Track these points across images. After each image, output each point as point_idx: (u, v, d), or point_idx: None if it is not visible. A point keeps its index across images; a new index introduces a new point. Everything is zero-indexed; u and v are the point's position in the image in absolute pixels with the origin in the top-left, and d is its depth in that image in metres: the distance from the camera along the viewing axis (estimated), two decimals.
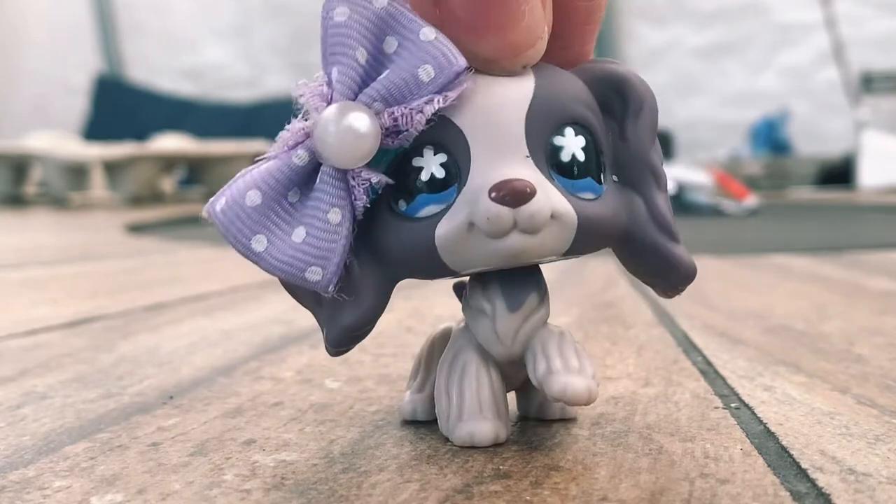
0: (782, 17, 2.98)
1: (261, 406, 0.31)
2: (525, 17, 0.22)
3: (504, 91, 0.23)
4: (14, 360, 0.40)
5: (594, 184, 0.24)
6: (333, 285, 0.23)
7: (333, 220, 0.23)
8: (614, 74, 0.25)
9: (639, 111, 0.25)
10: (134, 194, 2.37)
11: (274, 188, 0.23)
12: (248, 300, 0.58)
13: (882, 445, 0.25)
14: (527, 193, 0.22)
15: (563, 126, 0.24)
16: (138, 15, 3.93)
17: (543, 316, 0.26)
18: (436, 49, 0.22)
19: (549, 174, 0.23)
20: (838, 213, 1.67)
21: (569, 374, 0.24)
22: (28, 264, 0.88)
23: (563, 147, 0.23)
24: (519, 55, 0.23)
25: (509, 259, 0.23)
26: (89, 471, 0.24)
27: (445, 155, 0.23)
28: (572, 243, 0.23)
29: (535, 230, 0.22)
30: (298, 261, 0.23)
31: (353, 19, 0.22)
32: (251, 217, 0.23)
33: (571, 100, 0.24)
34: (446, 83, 0.22)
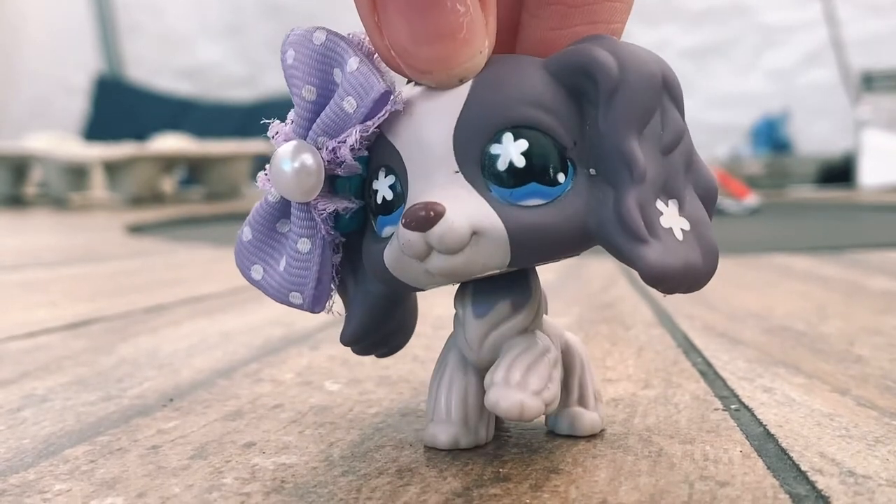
0: (773, 16, 2.98)
1: (260, 408, 0.31)
2: (463, 29, 0.22)
3: (434, 105, 0.23)
4: (14, 363, 0.40)
5: (541, 188, 0.22)
6: (320, 307, 0.25)
7: (303, 249, 0.24)
8: (581, 57, 0.22)
9: (611, 94, 0.22)
10: (134, 195, 2.37)
11: (260, 223, 0.25)
12: (248, 302, 0.58)
13: (882, 447, 0.25)
14: (430, 217, 0.21)
15: (499, 132, 0.22)
16: (136, 15, 3.93)
17: (518, 324, 0.25)
18: (356, 79, 0.22)
19: (485, 186, 0.22)
20: (839, 211, 1.67)
21: (506, 387, 0.23)
22: (28, 266, 0.88)
23: (499, 155, 0.22)
24: (453, 68, 0.22)
25: (445, 278, 0.23)
26: (89, 474, 0.24)
27: (393, 177, 0.23)
28: (513, 256, 0.22)
29: (452, 251, 0.22)
30: (284, 287, 0.25)
31: (299, 59, 0.23)
32: (248, 250, 0.25)
33: (513, 102, 0.22)
34: (367, 112, 0.23)
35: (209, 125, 3.29)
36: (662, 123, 0.23)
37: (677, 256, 0.22)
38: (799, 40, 2.95)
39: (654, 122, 0.23)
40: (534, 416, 0.23)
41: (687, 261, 0.22)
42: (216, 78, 3.78)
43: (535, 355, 0.24)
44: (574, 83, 0.22)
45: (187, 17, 3.83)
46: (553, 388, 0.24)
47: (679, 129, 0.23)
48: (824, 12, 2.69)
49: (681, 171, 0.23)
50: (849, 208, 1.77)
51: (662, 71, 0.23)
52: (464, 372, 0.26)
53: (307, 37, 0.23)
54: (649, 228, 0.22)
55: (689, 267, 0.22)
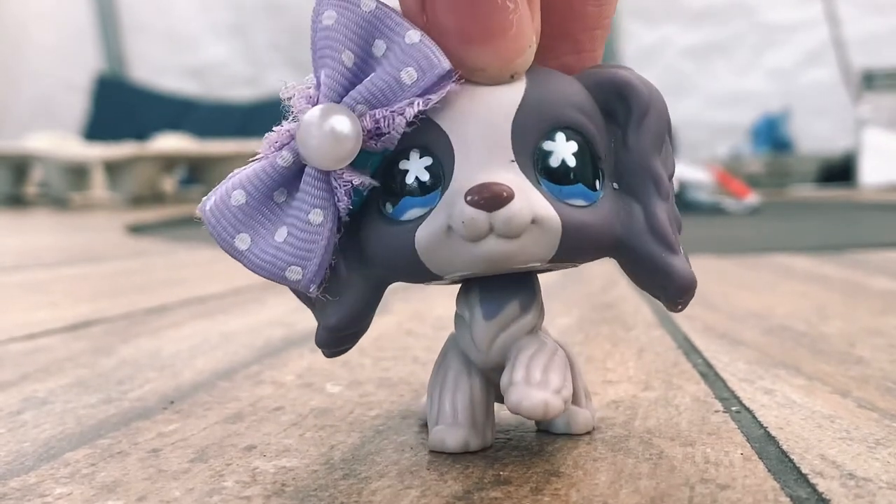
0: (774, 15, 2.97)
1: (261, 411, 0.31)
2: (513, 26, 0.22)
3: (492, 95, 0.23)
4: (14, 365, 0.40)
5: (586, 190, 0.23)
6: (316, 286, 0.23)
7: (314, 220, 0.23)
8: (617, 79, 0.24)
9: (642, 117, 0.24)
10: (134, 194, 2.37)
11: (259, 189, 0.23)
12: (249, 302, 0.58)
13: (882, 450, 0.25)
14: (503, 197, 0.22)
15: (553, 131, 0.23)
16: (138, 14, 3.93)
17: (526, 325, 0.25)
18: (419, 52, 0.22)
19: (536, 179, 0.23)
20: (839, 211, 1.66)
21: (527, 386, 0.23)
22: (28, 266, 0.88)
23: (553, 152, 0.23)
24: (507, 65, 0.23)
25: (489, 264, 0.23)
26: (90, 477, 0.24)
27: (431, 158, 0.23)
28: (557, 250, 0.23)
29: (513, 235, 0.22)
30: (279, 260, 0.23)
31: (341, 23, 0.22)
32: (235, 216, 0.23)
33: (564, 104, 0.23)
34: (429, 86, 0.22)
35: (210, 125, 3.29)
36: (667, 152, 0.25)
37: (691, 271, 0.24)
38: (799, 39, 2.95)
39: (665, 149, 0.25)
40: (557, 415, 0.23)
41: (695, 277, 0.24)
42: (220, 77, 3.77)
43: (549, 354, 0.24)
44: (606, 101, 0.24)
45: (191, 17, 3.83)
46: (569, 385, 0.24)
47: (673, 159, 0.25)
48: (825, 11, 2.69)
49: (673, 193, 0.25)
50: (849, 207, 1.77)
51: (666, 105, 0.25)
52: (468, 374, 0.26)
53: (355, 2, 0.23)
54: (677, 242, 0.24)
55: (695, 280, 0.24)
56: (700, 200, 1.62)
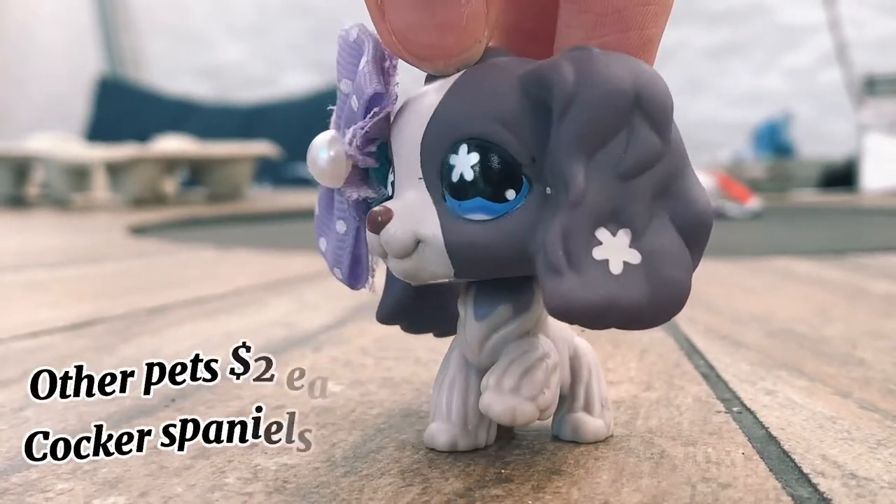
0: (786, 18, 2.97)
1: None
2: (463, 20, 0.22)
3: (416, 109, 0.23)
4: (17, 363, 0.40)
5: (488, 204, 0.22)
6: (360, 284, 0.26)
7: (340, 230, 0.26)
8: (540, 71, 0.21)
9: (563, 112, 0.21)
10: (136, 196, 2.36)
11: (323, 200, 0.27)
12: (250, 303, 0.58)
13: (884, 450, 0.25)
14: (378, 222, 0.23)
15: (457, 144, 0.22)
16: (139, 15, 3.93)
17: (518, 328, 0.25)
18: (360, 78, 0.23)
19: (441, 196, 0.23)
20: (841, 215, 1.66)
21: (498, 391, 0.23)
22: (30, 266, 0.88)
23: (455, 166, 0.22)
24: (450, 57, 0.23)
25: (407, 279, 0.24)
26: (91, 474, 0.24)
27: (393, 174, 0.24)
28: (455, 269, 0.22)
29: (400, 255, 0.23)
30: (331, 262, 0.27)
31: (339, 54, 0.25)
32: (316, 223, 0.27)
33: (473, 114, 0.22)
34: (364, 112, 0.24)
35: (211, 127, 3.29)
36: (627, 146, 0.21)
37: (595, 292, 0.20)
38: (806, 43, 2.95)
39: (616, 144, 0.21)
40: (527, 422, 0.23)
41: (611, 297, 0.20)
42: (234, 78, 3.77)
43: (533, 360, 0.24)
44: (539, 96, 0.22)
45: (204, 17, 3.83)
46: (549, 393, 0.24)
47: (650, 152, 0.21)
48: (828, 16, 2.69)
49: (645, 198, 0.21)
50: (851, 212, 1.77)
51: (636, 88, 0.21)
52: (466, 374, 0.26)
53: (347, 33, 0.24)
54: (570, 259, 0.20)
55: (612, 304, 0.20)
56: None
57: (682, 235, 0.22)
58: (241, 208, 2.05)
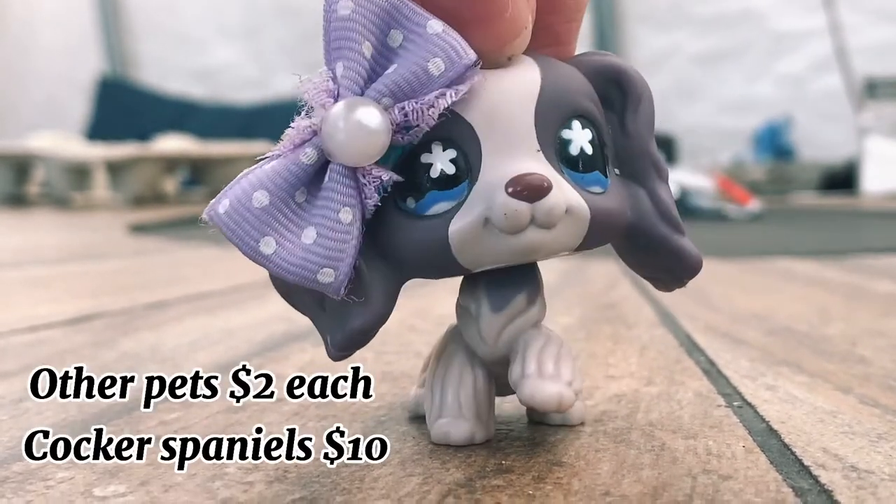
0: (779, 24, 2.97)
1: (263, 402, 0.31)
2: (509, 7, 0.22)
3: (512, 85, 0.23)
4: (17, 356, 0.40)
5: (601, 177, 0.24)
6: (345, 287, 0.22)
7: (345, 219, 0.22)
8: (614, 67, 0.25)
9: (638, 104, 0.25)
10: (136, 195, 2.36)
11: (282, 188, 0.22)
12: (250, 299, 0.58)
13: (884, 443, 0.25)
14: (544, 188, 0.22)
15: (570, 119, 0.23)
16: (141, 16, 3.93)
17: (532, 317, 0.25)
18: (444, 42, 0.21)
19: (559, 168, 0.23)
20: (841, 218, 1.66)
21: (541, 378, 0.23)
22: (30, 263, 0.88)
23: (572, 140, 0.23)
24: (504, 46, 0.23)
25: (524, 255, 0.23)
26: (91, 464, 0.24)
27: (455, 151, 0.23)
28: (585, 238, 0.23)
29: (552, 225, 0.22)
30: (310, 263, 0.22)
31: (358, 13, 0.22)
32: (259, 218, 0.22)
33: (577, 92, 0.24)
34: (456, 77, 0.22)
35: (212, 126, 3.29)
36: None
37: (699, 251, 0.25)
38: (804, 48, 2.95)
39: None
40: (570, 407, 0.23)
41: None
42: (227, 79, 3.77)
43: (558, 346, 0.24)
44: (604, 88, 0.25)
45: (196, 19, 3.83)
46: (580, 378, 0.24)
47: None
48: (828, 20, 2.69)
49: None
50: (851, 215, 1.77)
51: None
52: (472, 367, 0.26)
53: None
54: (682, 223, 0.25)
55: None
56: (702, 207, 1.62)
57: None
58: None
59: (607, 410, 0.29)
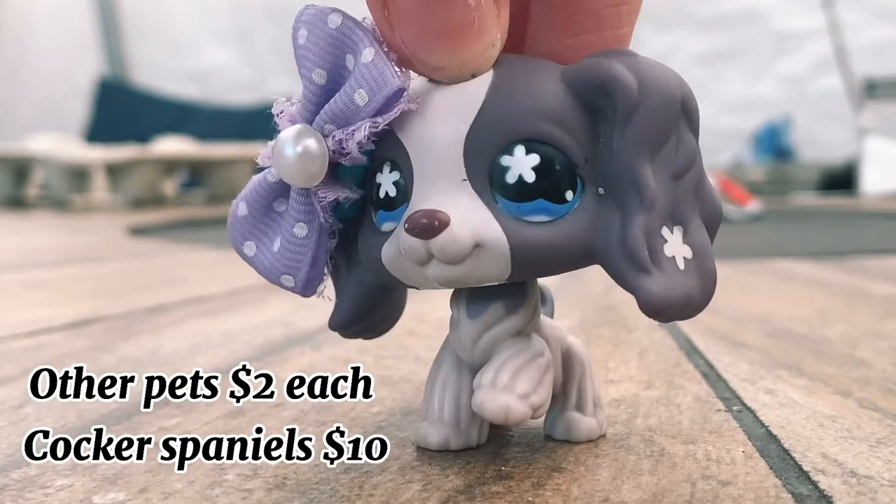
0: (780, 24, 2.97)
1: (263, 406, 0.31)
2: (474, 24, 0.21)
3: (447, 107, 0.22)
4: (16, 361, 0.40)
5: (549, 205, 0.22)
6: (311, 291, 0.24)
7: (299, 234, 0.24)
8: (599, 73, 0.22)
9: (628, 116, 0.21)
10: (135, 197, 2.36)
11: (257, 200, 0.25)
12: (249, 302, 0.58)
13: (884, 448, 0.25)
14: (434, 227, 0.21)
15: (511, 145, 0.22)
16: (141, 18, 3.93)
17: (511, 327, 0.24)
18: (370, 72, 0.22)
19: (492, 197, 0.22)
20: (841, 218, 1.66)
21: (492, 389, 0.23)
22: (29, 266, 0.88)
23: (510, 167, 0.22)
24: (466, 64, 0.22)
25: (443, 285, 0.22)
26: (91, 470, 0.24)
27: (399, 173, 0.23)
28: (513, 271, 0.22)
29: (451, 262, 0.21)
30: (275, 268, 0.24)
31: (311, 41, 0.22)
32: (242, 226, 0.25)
33: (527, 113, 0.22)
34: (379, 107, 0.22)
35: (211, 128, 3.29)
36: (677, 148, 0.22)
37: (677, 288, 0.22)
38: (804, 48, 2.95)
39: (669, 147, 0.22)
40: (520, 420, 0.23)
41: (686, 292, 0.22)
42: (221, 82, 3.77)
43: (526, 358, 0.24)
44: (591, 99, 0.22)
45: (194, 21, 3.83)
46: (542, 392, 0.23)
47: (692, 153, 0.23)
48: (827, 20, 2.69)
49: (690, 196, 0.23)
50: (851, 215, 1.77)
51: (682, 93, 0.22)
52: (458, 373, 0.26)
53: (322, 18, 0.22)
54: (653, 258, 0.21)
55: (688, 298, 0.22)
56: None
57: (707, 228, 0.23)
58: None
59: (607, 415, 0.29)
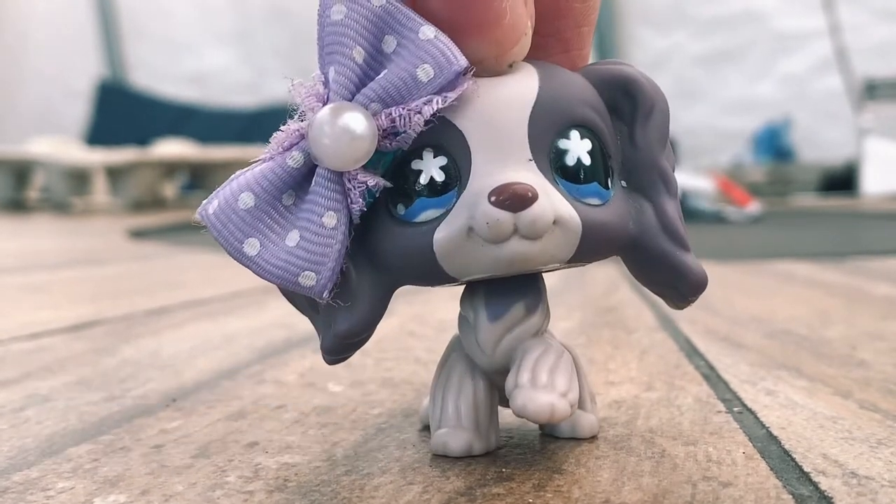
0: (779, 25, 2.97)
1: (263, 409, 0.31)
2: (507, 14, 0.22)
3: (507, 92, 0.23)
4: (17, 364, 0.40)
5: (600, 189, 0.23)
6: (328, 291, 0.22)
7: (328, 224, 0.22)
8: (623, 75, 0.24)
9: (648, 114, 0.24)
10: (136, 200, 2.37)
11: (268, 190, 0.22)
12: (250, 305, 0.58)
13: (884, 449, 0.25)
14: (528, 198, 0.21)
15: (568, 129, 0.23)
16: (140, 20, 3.93)
17: (531, 327, 0.25)
18: (435, 48, 0.21)
19: (553, 178, 0.22)
20: (841, 219, 1.67)
21: (533, 389, 0.22)
22: (30, 269, 0.88)
23: (568, 150, 0.23)
24: (503, 54, 0.22)
25: (510, 266, 0.22)
26: (92, 472, 0.24)
27: (445, 158, 0.22)
28: (576, 251, 0.23)
29: (537, 236, 0.21)
30: (292, 265, 0.22)
31: (351, 17, 0.22)
32: (244, 220, 0.22)
33: (577, 101, 0.23)
34: (445, 84, 0.21)
35: (211, 131, 3.29)
36: (668, 148, 0.25)
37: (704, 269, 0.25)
38: (805, 48, 2.95)
39: (668, 145, 0.25)
40: (563, 418, 0.22)
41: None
42: (221, 83, 3.78)
43: (556, 356, 0.24)
44: (612, 97, 0.24)
45: (193, 23, 3.84)
46: (576, 389, 0.23)
47: (672, 156, 0.25)
48: (828, 21, 2.69)
49: None
50: (851, 216, 1.77)
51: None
52: (472, 376, 0.25)
53: None
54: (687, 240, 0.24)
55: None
56: (702, 209, 1.62)
57: None
58: None
59: (608, 417, 0.29)
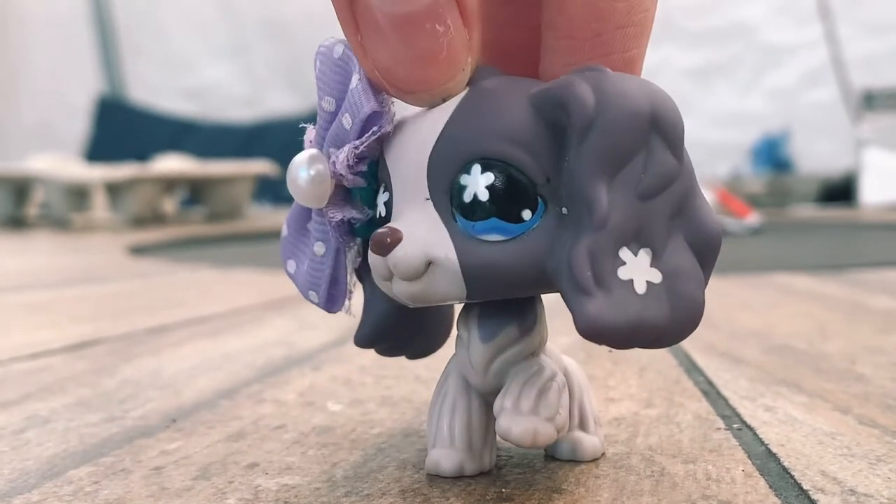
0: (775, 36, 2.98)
1: (263, 429, 0.31)
2: (443, 50, 0.21)
3: (418, 128, 0.23)
4: (17, 384, 0.40)
5: (504, 224, 0.22)
6: (336, 307, 0.26)
7: (318, 252, 0.25)
8: (557, 91, 0.21)
9: (583, 134, 0.21)
10: (135, 215, 2.36)
11: (295, 220, 0.26)
12: (250, 322, 0.58)
13: (883, 466, 0.25)
14: (386, 244, 0.22)
15: (469, 163, 0.22)
16: (138, 36, 3.94)
17: (525, 349, 0.24)
18: (353, 96, 0.23)
19: (451, 216, 0.22)
20: (840, 230, 1.67)
21: (517, 413, 0.23)
22: (29, 287, 0.89)
23: (467, 186, 0.22)
24: (435, 89, 0.22)
25: (413, 301, 0.23)
26: (93, 495, 0.24)
27: (388, 194, 0.24)
28: (469, 290, 0.22)
29: (409, 277, 0.22)
30: (305, 284, 0.26)
31: (322, 70, 0.24)
32: (285, 245, 0.27)
33: (485, 133, 0.22)
34: (359, 131, 0.23)
35: (210, 146, 3.30)
36: (645, 166, 0.21)
37: (624, 312, 0.20)
38: (800, 60, 2.96)
39: (634, 165, 0.21)
40: (547, 442, 0.23)
41: (639, 317, 0.21)
42: (220, 98, 3.78)
43: (545, 380, 0.24)
44: (553, 117, 0.21)
45: (190, 38, 3.85)
46: (564, 413, 0.24)
47: (667, 172, 0.22)
48: (825, 32, 2.70)
49: (664, 218, 0.22)
50: (850, 227, 1.78)
51: (653, 109, 0.21)
52: (467, 396, 0.26)
53: (330, 48, 0.24)
54: (598, 280, 0.20)
55: (640, 323, 0.21)
56: None
57: (694, 254, 0.22)
58: (241, 227, 2.05)
59: (607, 434, 0.29)
